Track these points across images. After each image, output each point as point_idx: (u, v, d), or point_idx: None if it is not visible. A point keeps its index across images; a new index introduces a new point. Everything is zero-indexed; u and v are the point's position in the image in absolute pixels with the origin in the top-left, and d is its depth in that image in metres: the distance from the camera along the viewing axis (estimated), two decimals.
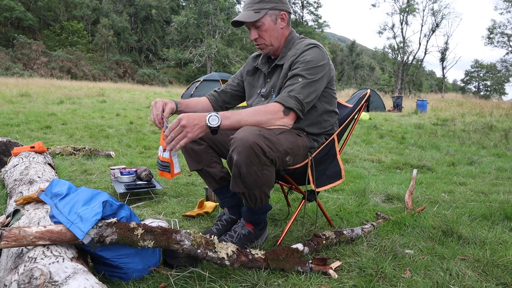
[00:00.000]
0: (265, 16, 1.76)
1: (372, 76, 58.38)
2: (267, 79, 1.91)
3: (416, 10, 43.31)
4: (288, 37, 1.86)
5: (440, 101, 22.96)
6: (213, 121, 1.52)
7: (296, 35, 1.89)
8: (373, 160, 4.45)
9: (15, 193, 2.05)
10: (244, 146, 1.51)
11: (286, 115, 1.64)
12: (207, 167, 1.93)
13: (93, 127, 6.22)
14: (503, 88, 56.17)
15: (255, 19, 1.75)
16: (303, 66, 1.71)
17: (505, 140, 6.23)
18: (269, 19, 1.78)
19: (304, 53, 1.74)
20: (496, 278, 1.54)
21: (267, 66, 1.93)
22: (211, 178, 1.95)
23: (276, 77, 1.86)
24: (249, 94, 2.01)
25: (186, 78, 42.87)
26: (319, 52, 1.76)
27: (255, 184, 1.62)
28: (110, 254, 1.37)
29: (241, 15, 1.78)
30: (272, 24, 1.79)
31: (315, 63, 1.72)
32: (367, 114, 10.21)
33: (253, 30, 1.80)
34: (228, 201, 1.99)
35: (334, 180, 1.89)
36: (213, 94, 2.10)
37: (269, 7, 1.76)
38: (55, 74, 32.55)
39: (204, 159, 1.91)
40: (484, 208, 2.46)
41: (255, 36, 1.80)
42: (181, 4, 51.15)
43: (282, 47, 1.86)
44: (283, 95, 1.66)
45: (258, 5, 1.76)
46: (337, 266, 1.59)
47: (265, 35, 1.80)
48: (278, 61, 1.85)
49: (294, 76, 1.70)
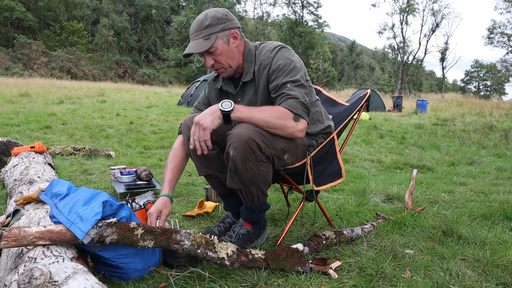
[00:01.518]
0: (216, 40, 1.67)
1: (372, 76, 58.39)
2: (238, 99, 1.82)
3: (416, 10, 43.33)
4: (245, 50, 1.78)
5: (440, 101, 22.96)
6: (226, 105, 1.54)
7: (251, 45, 1.80)
8: (373, 160, 4.45)
9: (15, 193, 2.05)
10: (240, 141, 1.52)
11: (297, 122, 1.61)
12: (217, 173, 1.86)
13: (93, 127, 6.22)
14: (503, 88, 56.18)
15: (207, 48, 1.66)
16: (282, 73, 1.67)
17: (505, 140, 6.23)
18: (221, 42, 1.69)
19: (274, 60, 1.70)
20: (496, 278, 1.54)
21: (232, 85, 1.84)
22: (220, 183, 1.90)
23: (249, 94, 1.78)
24: None
25: (186, 78, 42.86)
26: (287, 51, 1.73)
27: (251, 180, 1.62)
28: (110, 254, 1.37)
29: (191, 46, 1.68)
30: (225, 46, 1.70)
31: (290, 64, 1.68)
32: (367, 114, 10.22)
33: (207, 57, 1.71)
34: (234, 207, 1.97)
35: (335, 179, 1.89)
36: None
37: (218, 30, 1.67)
38: (55, 74, 32.54)
39: (216, 165, 1.84)
40: (484, 208, 2.46)
41: (211, 62, 1.72)
42: (181, 4, 51.17)
43: (243, 62, 1.78)
44: (290, 102, 1.61)
45: (206, 30, 1.66)
46: (337, 266, 1.59)
47: (221, 58, 1.71)
48: (244, 78, 1.77)
49: (282, 86, 1.65)
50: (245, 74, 1.78)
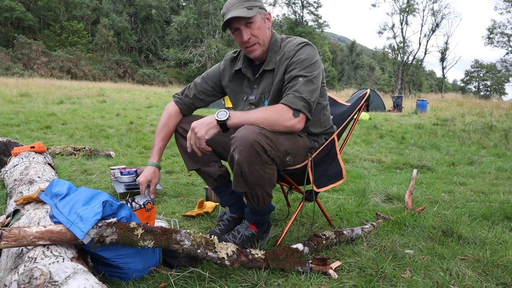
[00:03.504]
0: (257, 14, 1.70)
1: (372, 76, 58.38)
2: (254, 85, 1.84)
3: (416, 10, 43.30)
4: (272, 40, 1.80)
5: (440, 101, 22.96)
6: (221, 115, 1.54)
7: (278, 36, 1.83)
8: (373, 160, 4.45)
9: (15, 193, 2.05)
10: (245, 144, 1.51)
11: (296, 117, 1.62)
12: (204, 167, 1.93)
13: (93, 127, 6.22)
14: (503, 88, 56.16)
15: (251, 15, 1.66)
16: (300, 66, 1.68)
17: (505, 140, 6.23)
18: (260, 17, 1.72)
19: (297, 53, 1.71)
20: (496, 278, 1.54)
21: (251, 71, 1.85)
22: (210, 177, 1.96)
23: (265, 83, 1.80)
24: (235, 102, 1.95)
25: (186, 78, 42.86)
26: (311, 49, 1.74)
27: (257, 183, 1.62)
28: (110, 254, 1.37)
29: (236, 11, 1.65)
30: (262, 22, 1.74)
31: (310, 60, 1.70)
32: (367, 114, 10.22)
33: (244, 30, 1.70)
34: (228, 199, 2.00)
35: (335, 180, 1.89)
36: (185, 103, 1.96)
37: (258, 5, 1.71)
38: (55, 74, 32.54)
39: (202, 159, 1.90)
40: (484, 208, 2.46)
41: (248, 36, 1.70)
42: (181, 4, 51.15)
43: (268, 51, 1.79)
44: (289, 97, 1.62)
45: (249, 2, 1.68)
46: (337, 266, 1.59)
47: (259, 33, 1.72)
48: (266, 66, 1.79)
49: (294, 78, 1.67)
50: (267, 63, 1.79)
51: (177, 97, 1.99)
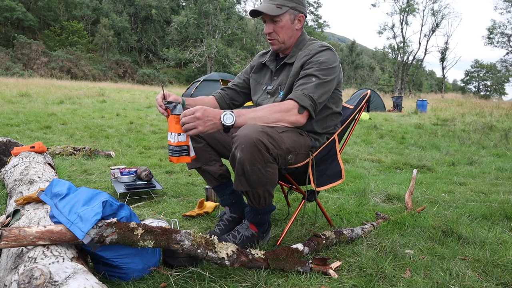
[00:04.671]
0: (285, 13, 1.78)
1: (372, 76, 58.38)
2: (274, 77, 1.92)
3: (416, 10, 43.30)
4: (300, 38, 1.88)
5: (440, 101, 22.95)
6: (227, 119, 1.53)
7: (307, 37, 1.91)
8: (373, 160, 4.45)
9: (15, 193, 2.05)
10: (248, 143, 1.51)
11: (300, 114, 1.66)
12: (205, 165, 1.94)
13: (93, 127, 6.22)
14: (503, 88, 56.13)
15: (275, 14, 1.76)
16: (317, 66, 1.72)
17: (505, 140, 6.23)
18: (288, 17, 1.80)
19: (318, 54, 1.76)
20: (496, 278, 1.54)
21: (274, 63, 1.95)
22: (210, 176, 1.97)
23: (284, 75, 1.87)
24: (254, 90, 2.02)
25: (186, 78, 42.88)
26: (332, 54, 1.79)
27: (258, 182, 1.62)
28: (110, 254, 1.37)
29: (263, 6, 1.78)
30: (289, 22, 1.81)
31: (329, 64, 1.74)
32: (367, 114, 10.21)
33: (269, 24, 1.81)
34: (228, 199, 2.00)
35: (335, 180, 1.90)
36: (219, 92, 2.11)
37: (290, 5, 1.79)
38: (55, 74, 32.55)
39: (203, 157, 1.91)
40: (484, 208, 2.46)
41: (269, 30, 1.81)
42: (181, 4, 51.15)
43: (293, 47, 1.87)
44: (298, 93, 1.67)
45: (281, 1, 1.77)
46: (337, 266, 1.59)
47: (280, 31, 1.81)
48: (288, 59, 1.87)
49: (308, 76, 1.71)
50: (289, 56, 1.88)
51: (217, 90, 2.13)
